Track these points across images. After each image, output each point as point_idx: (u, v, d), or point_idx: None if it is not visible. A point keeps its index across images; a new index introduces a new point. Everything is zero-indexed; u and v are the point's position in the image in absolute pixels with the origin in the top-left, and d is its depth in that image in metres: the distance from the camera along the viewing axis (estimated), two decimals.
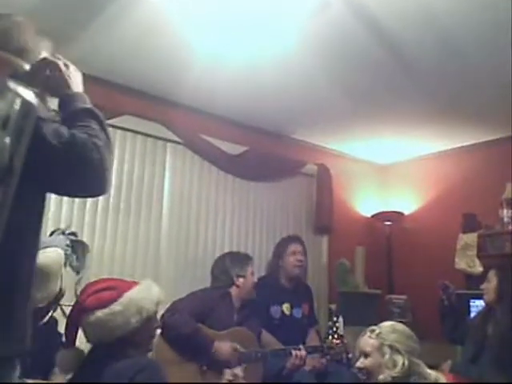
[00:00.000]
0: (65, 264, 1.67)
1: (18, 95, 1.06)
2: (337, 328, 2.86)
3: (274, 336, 2.92)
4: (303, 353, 2.66)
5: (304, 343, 2.86)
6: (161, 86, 3.20)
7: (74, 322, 1.61)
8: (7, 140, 1.01)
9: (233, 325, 2.68)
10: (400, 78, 2.97)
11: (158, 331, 2.07)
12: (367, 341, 1.91)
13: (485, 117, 3.53)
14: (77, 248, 1.81)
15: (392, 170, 4.69)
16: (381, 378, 1.81)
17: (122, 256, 3.08)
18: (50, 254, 1.55)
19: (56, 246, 1.63)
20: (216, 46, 2.61)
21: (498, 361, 2.04)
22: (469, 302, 3.20)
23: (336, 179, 4.24)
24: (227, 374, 2.43)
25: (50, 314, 1.62)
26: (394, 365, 1.79)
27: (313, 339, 3.11)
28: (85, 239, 2.87)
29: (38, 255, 1.16)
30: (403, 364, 1.78)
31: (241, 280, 2.80)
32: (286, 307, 3.07)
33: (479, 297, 2.70)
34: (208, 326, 2.57)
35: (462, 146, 4.15)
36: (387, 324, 1.96)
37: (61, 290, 1.62)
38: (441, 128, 3.82)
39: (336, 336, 2.81)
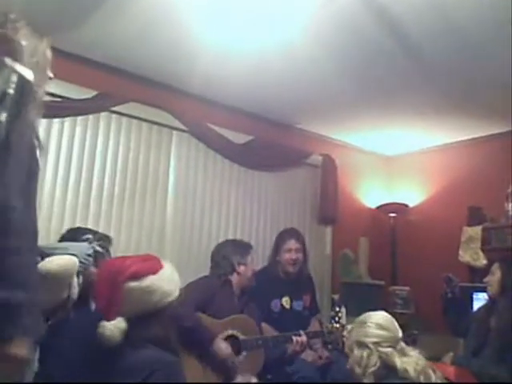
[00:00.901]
0: (79, 273, 1.64)
1: (15, 72, 1.05)
2: (339, 318, 2.87)
3: (275, 330, 2.90)
4: (304, 338, 2.68)
5: None
6: (168, 74, 3.19)
7: (115, 292, 1.51)
8: (3, 116, 1.01)
9: (234, 312, 2.69)
10: (408, 70, 2.95)
11: None
12: (345, 341, 1.87)
13: (493, 110, 3.50)
14: (98, 258, 1.79)
15: (398, 162, 4.67)
16: (365, 380, 1.72)
17: (126, 243, 3.08)
18: (60, 261, 1.51)
19: (73, 254, 1.60)
20: (224, 35, 2.59)
21: (500, 354, 2.03)
22: (472, 294, 3.20)
23: (341, 170, 4.23)
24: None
25: (55, 316, 1.58)
26: (361, 360, 1.71)
27: (314, 327, 3.11)
28: (89, 226, 2.91)
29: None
30: (368, 356, 1.69)
31: (242, 267, 2.81)
32: (285, 300, 3.06)
33: (482, 290, 2.70)
34: (209, 313, 2.57)
35: (469, 139, 4.13)
36: (358, 319, 1.86)
37: (69, 296, 1.60)
38: (448, 120, 3.79)
39: (338, 325, 2.83)
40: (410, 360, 1.69)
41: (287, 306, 3.06)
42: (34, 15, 2.48)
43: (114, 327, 1.51)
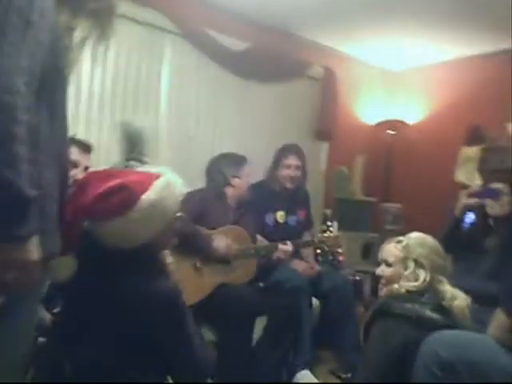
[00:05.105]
0: None
1: None
2: (330, 232, 2.90)
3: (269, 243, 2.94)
4: (288, 247, 2.72)
5: None
6: None
7: (74, 226, 1.25)
8: None
9: (228, 223, 2.70)
10: None
11: None
12: (392, 251, 1.88)
13: (501, 24, 3.30)
14: None
15: (400, 77, 4.51)
16: (395, 287, 1.80)
17: (118, 152, 3.01)
18: None
19: None
20: None
21: (495, 274, 2.05)
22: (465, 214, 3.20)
23: (341, 83, 4.08)
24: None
25: None
26: (416, 279, 1.77)
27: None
28: (79, 132, 2.83)
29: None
30: (424, 280, 1.76)
31: (236, 180, 2.78)
32: (279, 215, 3.05)
33: (475, 210, 2.67)
34: (204, 224, 2.58)
35: (475, 55, 3.94)
36: (416, 236, 1.90)
37: None
38: (456, 34, 3.62)
39: (332, 234, 2.86)
40: (460, 292, 1.78)
41: (281, 221, 3.06)
42: None
43: (63, 262, 1.24)
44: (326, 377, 2.58)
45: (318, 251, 2.98)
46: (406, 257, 1.82)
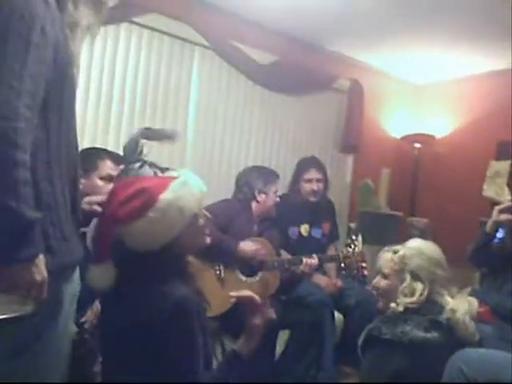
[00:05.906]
0: None
1: None
2: (355, 246, 2.87)
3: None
4: (313, 261, 2.66)
5: None
6: None
7: (105, 234, 1.34)
8: None
9: (253, 236, 2.69)
10: None
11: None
12: (387, 262, 1.76)
13: None
14: None
15: (428, 91, 4.46)
16: (392, 305, 1.69)
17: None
18: None
19: None
20: None
21: None
22: (496, 230, 3.12)
23: (368, 96, 4.06)
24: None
25: None
26: (412, 293, 1.66)
27: (331, 253, 3.11)
28: (110, 141, 2.87)
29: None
30: (421, 294, 1.65)
31: (262, 196, 2.75)
32: (304, 228, 3.04)
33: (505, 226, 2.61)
34: (228, 235, 2.59)
35: (505, 69, 3.86)
36: (413, 245, 1.76)
37: None
38: (484, 47, 3.57)
39: (356, 249, 2.82)
40: (463, 303, 1.67)
41: (305, 234, 3.04)
42: None
43: (98, 271, 1.33)
44: None
45: (343, 265, 2.94)
46: (402, 269, 1.70)
